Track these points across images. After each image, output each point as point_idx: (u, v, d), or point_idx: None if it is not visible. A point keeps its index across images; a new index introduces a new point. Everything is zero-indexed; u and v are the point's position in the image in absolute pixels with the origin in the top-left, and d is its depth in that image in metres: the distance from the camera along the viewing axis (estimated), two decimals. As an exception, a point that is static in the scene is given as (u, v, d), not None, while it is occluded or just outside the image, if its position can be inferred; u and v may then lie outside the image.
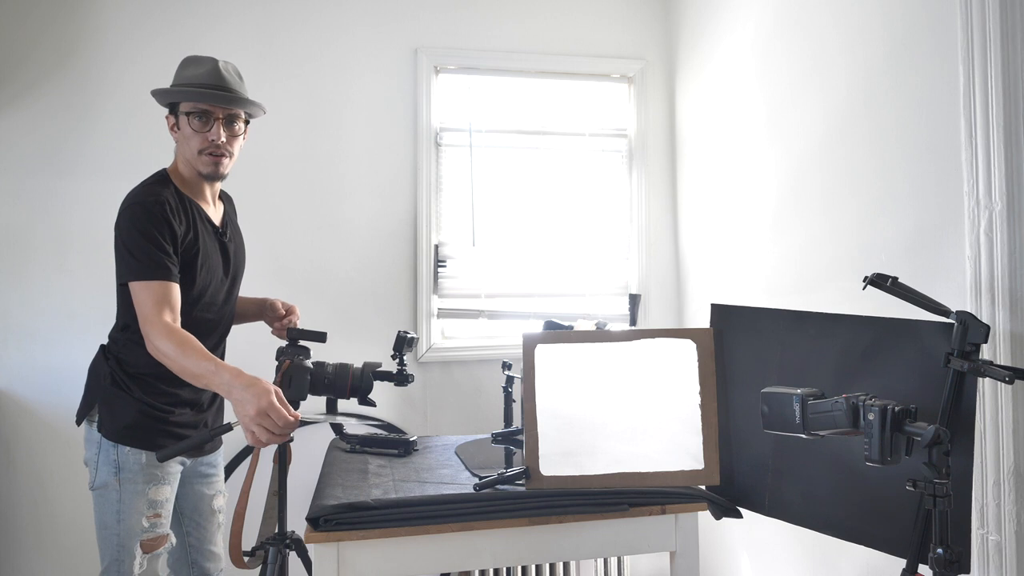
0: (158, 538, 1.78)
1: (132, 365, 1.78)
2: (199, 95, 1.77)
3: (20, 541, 2.62)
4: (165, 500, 1.80)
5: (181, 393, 1.82)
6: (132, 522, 1.74)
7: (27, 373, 2.62)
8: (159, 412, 1.78)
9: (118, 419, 1.76)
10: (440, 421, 2.93)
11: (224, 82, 1.80)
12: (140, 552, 1.75)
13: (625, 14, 3.17)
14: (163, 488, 1.79)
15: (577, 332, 1.84)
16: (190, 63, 1.84)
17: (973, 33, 1.60)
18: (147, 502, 1.76)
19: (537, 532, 1.66)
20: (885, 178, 1.90)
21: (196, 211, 1.83)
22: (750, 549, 2.59)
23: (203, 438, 1.65)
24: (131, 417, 1.76)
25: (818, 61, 2.18)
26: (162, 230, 1.70)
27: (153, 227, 1.70)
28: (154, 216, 1.71)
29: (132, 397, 1.77)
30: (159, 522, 1.78)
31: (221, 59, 1.84)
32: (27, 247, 2.65)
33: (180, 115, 1.79)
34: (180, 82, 1.81)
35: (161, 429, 1.79)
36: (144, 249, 1.68)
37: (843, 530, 1.56)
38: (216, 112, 1.79)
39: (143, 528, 1.75)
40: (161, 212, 1.72)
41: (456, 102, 3.06)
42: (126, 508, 1.74)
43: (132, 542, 1.74)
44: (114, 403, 1.77)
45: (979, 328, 1.38)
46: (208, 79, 1.79)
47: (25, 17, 2.68)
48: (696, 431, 1.71)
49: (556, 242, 3.10)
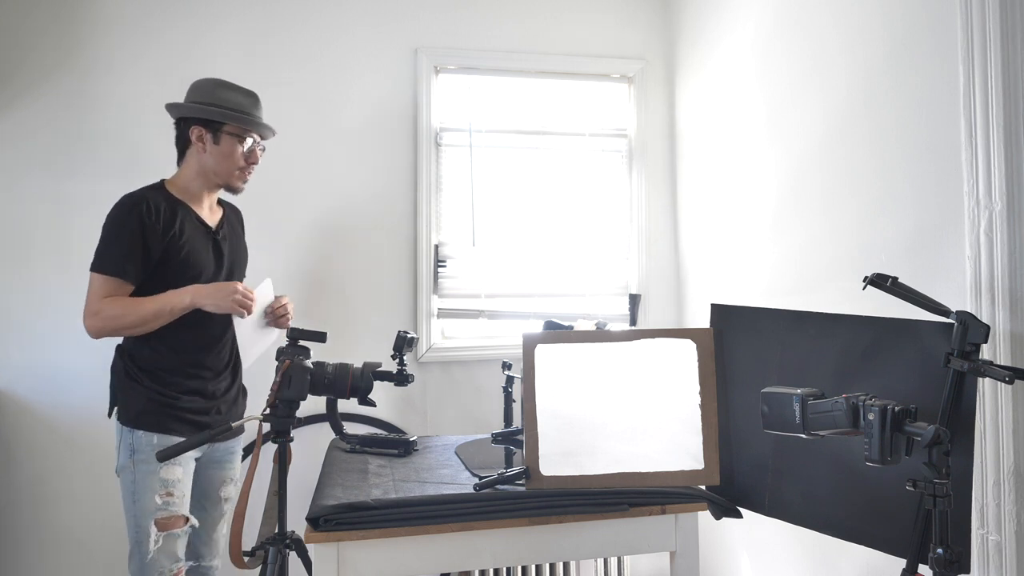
0: (172, 517, 1.89)
1: (140, 359, 1.95)
2: (257, 125, 2.04)
3: (20, 541, 2.62)
4: (177, 480, 1.91)
5: (187, 383, 1.97)
6: (146, 500, 1.87)
7: (27, 373, 2.62)
8: (167, 399, 1.93)
9: (132, 407, 1.92)
10: (440, 421, 2.93)
11: (261, 113, 2.09)
12: (155, 530, 1.86)
13: (625, 14, 3.17)
14: (174, 468, 1.90)
15: (577, 332, 1.84)
16: (228, 88, 2.03)
17: (973, 33, 1.60)
18: (159, 481, 1.88)
19: (537, 532, 1.66)
20: (885, 178, 1.90)
21: (186, 212, 1.99)
22: (750, 549, 2.59)
23: (202, 439, 1.66)
24: (143, 404, 1.91)
25: (818, 61, 2.18)
26: (134, 229, 1.87)
27: (126, 225, 1.87)
28: (131, 214, 1.88)
29: (143, 386, 1.92)
30: (172, 501, 1.89)
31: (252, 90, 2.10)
32: (27, 247, 2.65)
33: (223, 134, 1.99)
34: (227, 106, 1.99)
35: (171, 414, 1.93)
36: (108, 243, 1.88)
37: (843, 530, 1.56)
38: (258, 139, 2.07)
39: (157, 506, 1.87)
40: (140, 211, 1.88)
41: (456, 102, 3.06)
42: (140, 488, 1.88)
43: (147, 520, 1.86)
44: (128, 393, 1.94)
45: (979, 328, 1.38)
46: (253, 108, 2.05)
47: (25, 18, 2.68)
48: (696, 431, 1.71)
49: (556, 242, 3.10)
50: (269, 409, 1.70)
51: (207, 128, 1.98)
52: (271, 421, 1.70)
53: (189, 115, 1.99)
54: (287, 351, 1.79)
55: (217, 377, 2.04)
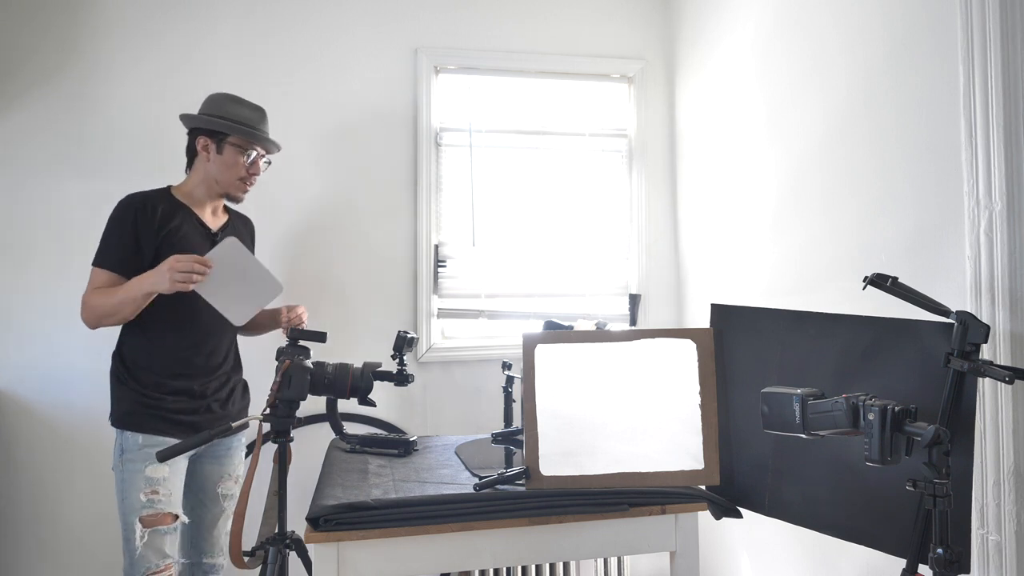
0: (158, 515, 1.93)
1: (129, 361, 2.01)
2: (259, 139, 2.11)
3: (20, 541, 2.62)
4: (163, 478, 1.94)
5: (172, 383, 2.01)
6: (132, 499, 1.92)
7: (27, 373, 2.62)
8: (152, 399, 1.98)
9: (120, 407, 1.99)
10: (440, 421, 2.93)
11: (267, 128, 2.18)
12: (140, 526, 1.90)
13: (625, 14, 3.17)
14: (160, 467, 1.94)
15: (577, 332, 1.84)
16: (235, 102, 2.12)
17: (973, 33, 1.60)
18: (144, 479, 1.92)
19: (537, 532, 1.66)
20: (885, 178, 1.90)
21: (187, 213, 2.07)
22: (750, 549, 2.59)
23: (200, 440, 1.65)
24: (129, 405, 1.98)
25: (818, 61, 2.18)
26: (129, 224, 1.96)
27: (123, 221, 1.97)
28: (130, 211, 1.97)
29: (129, 388, 1.99)
30: (157, 499, 1.93)
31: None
32: (27, 247, 2.65)
33: (227, 145, 2.08)
34: (234, 119, 2.08)
35: (156, 414, 1.98)
36: (107, 239, 1.98)
37: (843, 530, 1.56)
38: (261, 152, 2.15)
39: (141, 504, 1.91)
40: (138, 207, 1.98)
41: (456, 102, 3.06)
42: (127, 486, 1.93)
43: (132, 518, 1.91)
44: (118, 394, 2.00)
45: (979, 328, 1.38)
46: (259, 123, 2.13)
47: (26, 19, 2.68)
48: (696, 431, 1.71)
49: (556, 242, 3.10)
50: (269, 409, 1.71)
51: (212, 138, 2.07)
52: (271, 421, 1.70)
53: (197, 126, 2.09)
54: (287, 351, 1.79)
55: (207, 376, 2.06)
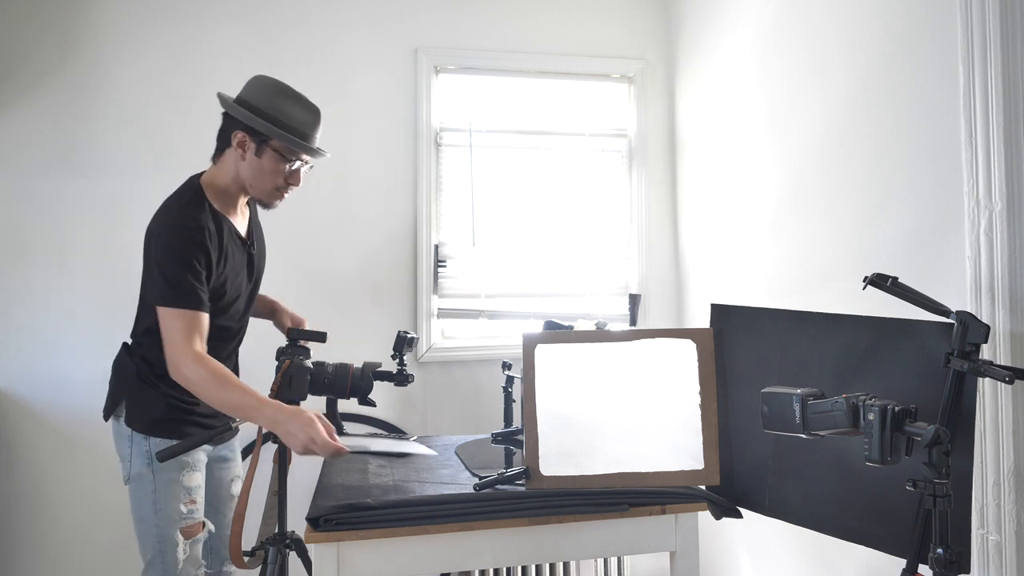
0: (196, 524, 1.84)
1: (158, 366, 1.78)
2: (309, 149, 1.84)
3: (20, 541, 2.62)
4: (197, 486, 1.85)
5: None
6: (170, 510, 1.78)
7: (27, 373, 2.62)
8: (185, 405, 1.83)
9: (147, 413, 1.81)
10: (440, 421, 2.93)
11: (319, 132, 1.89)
12: (182, 539, 1.79)
13: (625, 14, 3.17)
14: (195, 475, 1.84)
15: (577, 332, 1.84)
16: (289, 98, 1.84)
17: (973, 33, 1.60)
18: (183, 489, 1.81)
19: (537, 532, 1.66)
20: (885, 178, 1.90)
21: (227, 228, 1.85)
22: (750, 549, 2.59)
23: (203, 438, 1.65)
24: (159, 411, 1.81)
25: (818, 61, 2.18)
26: (199, 258, 1.72)
27: (192, 255, 1.71)
28: (193, 243, 1.72)
29: (159, 392, 1.81)
30: (195, 508, 1.83)
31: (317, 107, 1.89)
32: (28, 247, 2.65)
33: (269, 149, 1.80)
34: (286, 122, 1.80)
35: (188, 420, 1.84)
36: (179, 276, 1.69)
37: (843, 530, 1.56)
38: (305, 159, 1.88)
39: (181, 515, 1.80)
40: (200, 239, 1.73)
41: (456, 102, 3.06)
42: (162, 497, 1.78)
43: (172, 530, 1.78)
44: (142, 398, 1.82)
45: (979, 328, 1.37)
46: (311, 128, 1.85)
47: (27, 17, 2.68)
48: (696, 431, 1.71)
49: (556, 242, 3.10)
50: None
51: (252, 137, 1.79)
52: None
53: (240, 120, 1.79)
54: (287, 351, 1.79)
55: None
